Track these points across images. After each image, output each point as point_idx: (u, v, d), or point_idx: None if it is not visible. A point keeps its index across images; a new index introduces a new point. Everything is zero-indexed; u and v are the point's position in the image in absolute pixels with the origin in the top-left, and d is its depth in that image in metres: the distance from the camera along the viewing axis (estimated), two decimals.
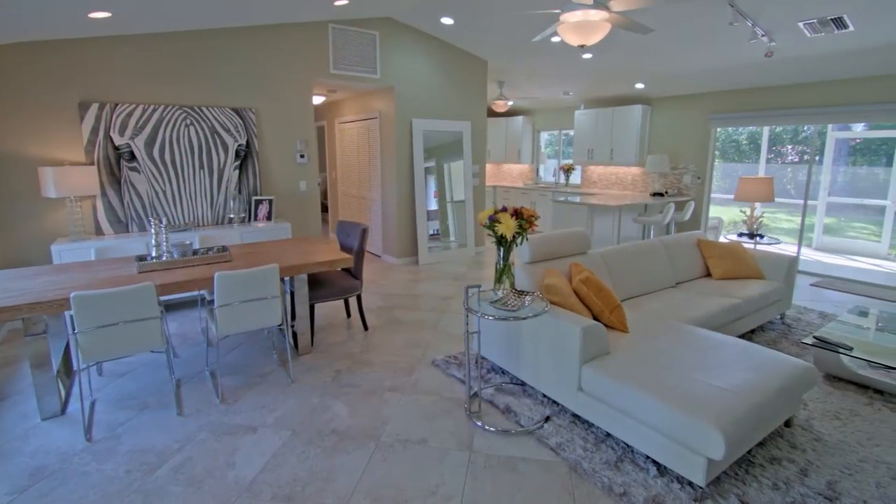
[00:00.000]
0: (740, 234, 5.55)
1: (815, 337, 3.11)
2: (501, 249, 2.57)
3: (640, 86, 6.93)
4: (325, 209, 10.11)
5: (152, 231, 3.24)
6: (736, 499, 2.02)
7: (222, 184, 4.77)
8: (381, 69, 5.61)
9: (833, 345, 2.99)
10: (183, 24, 4.28)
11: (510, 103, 7.83)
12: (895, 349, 2.98)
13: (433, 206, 6.34)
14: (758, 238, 5.43)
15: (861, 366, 3.08)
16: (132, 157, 4.30)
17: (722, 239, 6.56)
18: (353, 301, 4.59)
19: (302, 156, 5.24)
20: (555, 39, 5.21)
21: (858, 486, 2.11)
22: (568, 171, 8.86)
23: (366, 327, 3.96)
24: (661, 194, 7.19)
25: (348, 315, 4.28)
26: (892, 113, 5.19)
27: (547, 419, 2.61)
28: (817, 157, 7.59)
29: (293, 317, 3.48)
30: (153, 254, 3.24)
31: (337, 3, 4.55)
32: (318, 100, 6.81)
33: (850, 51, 4.72)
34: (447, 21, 5.32)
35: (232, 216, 4.81)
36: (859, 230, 7.63)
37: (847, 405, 2.79)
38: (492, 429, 2.54)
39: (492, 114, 10.05)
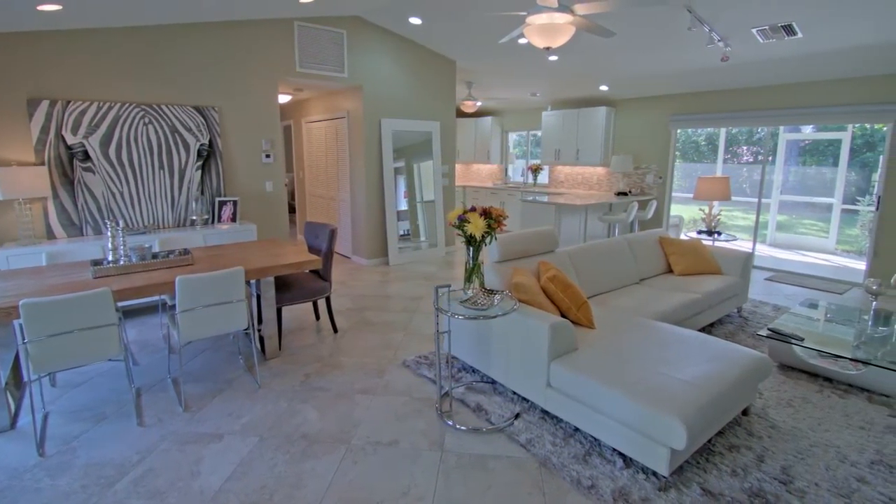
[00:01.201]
0: (699, 232, 5.77)
1: (769, 329, 3.26)
2: (471, 249, 2.58)
3: (604, 88, 7.10)
4: (292, 210, 9.92)
5: (109, 234, 3.11)
6: (697, 486, 2.10)
7: (184, 184, 4.62)
8: (349, 68, 5.55)
9: (786, 336, 3.15)
10: (140, 19, 4.12)
11: (479, 104, 7.89)
12: (842, 339, 3.16)
13: (403, 206, 6.32)
14: (716, 235, 5.65)
15: (812, 355, 3.25)
16: (86, 156, 4.11)
17: (683, 236, 6.80)
18: (322, 303, 4.53)
19: (268, 156, 5.13)
20: (521, 41, 5.28)
21: (810, 469, 2.23)
22: (536, 171, 8.99)
23: (335, 329, 3.92)
24: (625, 193, 7.39)
25: (317, 318, 4.22)
26: (837, 116, 5.49)
27: (517, 416, 2.64)
28: (770, 158, 7.96)
29: (260, 320, 3.40)
30: (110, 258, 3.11)
31: (302, 1, 4.48)
32: (284, 98, 6.68)
33: (799, 56, 4.97)
34: (415, 21, 5.31)
35: (194, 218, 4.66)
36: (809, 227, 8.05)
37: (799, 393, 2.94)
38: (463, 427, 2.55)
39: (461, 114, 10.10)
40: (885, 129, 5.35)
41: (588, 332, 2.82)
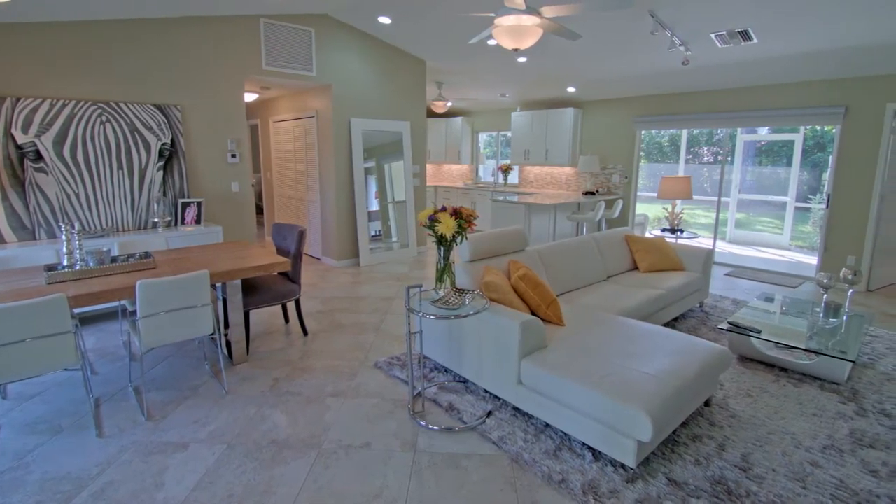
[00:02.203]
0: (663, 230, 5.95)
1: (729, 322, 3.40)
2: (442, 249, 2.59)
3: (571, 89, 7.23)
4: (259, 211, 9.71)
5: (63, 238, 2.97)
6: (663, 477, 2.16)
7: (144, 185, 4.46)
8: (318, 67, 5.48)
9: (744, 329, 3.29)
10: (96, 13, 3.95)
11: (449, 104, 7.91)
12: (796, 331, 3.32)
13: (374, 206, 6.28)
14: (679, 233, 5.84)
15: (768, 347, 3.40)
16: (38, 156, 3.92)
17: (647, 234, 6.99)
18: (291, 306, 4.45)
19: (233, 155, 5.01)
20: (491, 42, 5.32)
21: (768, 456, 2.33)
22: (506, 171, 9.08)
23: (305, 332, 3.86)
24: (592, 193, 7.55)
25: (286, 321, 4.14)
26: (790, 118, 5.76)
27: (489, 414, 2.66)
28: (729, 158, 8.29)
29: (226, 325, 3.32)
30: (65, 262, 2.97)
31: None
32: (250, 97, 6.53)
33: (755, 61, 5.19)
34: (384, 20, 5.28)
35: (156, 220, 4.50)
36: (765, 224, 8.42)
37: (757, 383, 3.07)
38: (435, 427, 2.55)
39: (431, 114, 10.10)
40: (833, 130, 5.64)
41: (557, 330, 2.87)
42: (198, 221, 4.67)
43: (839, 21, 4.04)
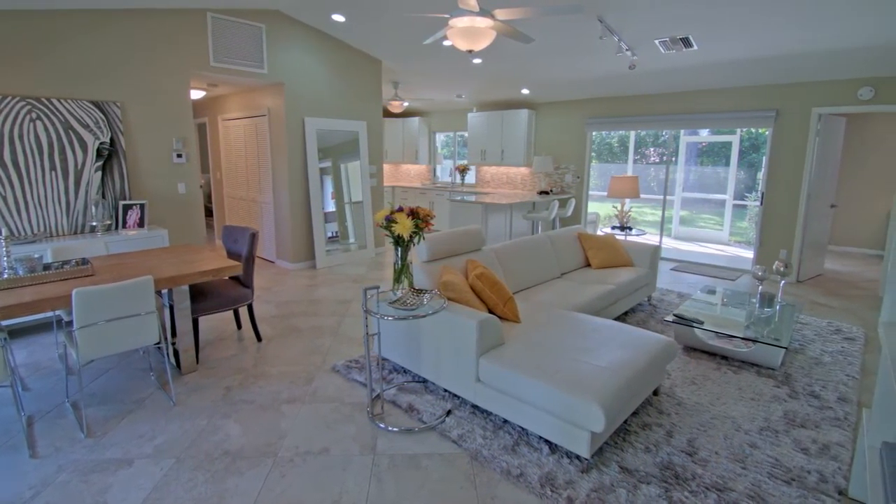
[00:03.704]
0: (613, 228, 6.18)
1: (674, 315, 3.57)
2: (399, 249, 2.58)
3: (525, 91, 7.38)
4: (209, 214, 9.33)
5: None
6: (616, 465, 2.25)
7: (81, 187, 4.19)
8: (269, 64, 5.32)
9: (688, 320, 3.47)
10: (23, 2, 3.67)
11: (406, 104, 7.88)
12: (735, 321, 3.54)
13: (331, 207, 6.17)
14: (628, 230, 6.08)
15: (710, 337, 3.60)
16: None
17: (599, 232, 7.24)
18: (243, 311, 4.30)
19: (179, 155, 4.79)
20: (446, 43, 5.35)
21: (711, 440, 2.47)
22: (463, 171, 9.14)
23: (259, 338, 3.74)
24: (546, 192, 7.73)
25: (239, 326, 4.00)
26: (727, 121, 6.12)
27: (448, 413, 2.68)
28: (673, 159, 8.72)
29: (174, 333, 3.17)
30: None
31: None
32: (197, 94, 6.26)
33: (696, 67, 5.48)
34: (338, 18, 5.20)
35: (94, 224, 4.23)
36: (707, 221, 8.91)
37: (701, 371, 3.25)
38: (395, 429, 2.54)
39: (388, 114, 10.03)
40: (766, 133, 6.04)
41: (514, 327, 2.92)
42: (141, 225, 4.43)
43: (769, 31, 4.33)
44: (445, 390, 2.93)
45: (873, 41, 4.29)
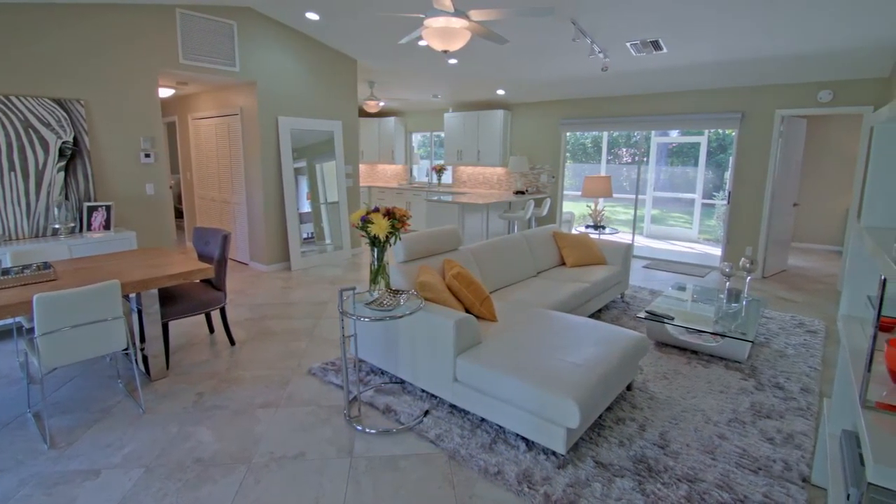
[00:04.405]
0: (587, 226, 6.28)
1: (646, 311, 3.65)
2: (375, 250, 2.57)
3: (500, 92, 7.43)
4: (179, 215, 9.09)
5: None
6: (591, 460, 2.29)
7: (42, 188, 4.02)
8: (241, 62, 5.22)
9: (660, 316, 3.55)
10: None
11: (382, 104, 7.84)
12: (704, 316, 3.64)
13: (306, 208, 6.09)
14: (601, 229, 6.19)
15: (681, 332, 3.70)
16: None
17: (573, 231, 7.35)
18: (216, 315, 4.21)
19: (147, 155, 4.65)
20: (421, 43, 5.34)
21: (682, 432, 2.54)
22: (440, 171, 9.16)
23: (232, 342, 3.67)
24: (522, 192, 7.81)
25: (211, 331, 3.91)
26: (696, 122, 6.30)
27: (426, 413, 2.68)
28: (645, 159, 8.92)
29: (142, 339, 3.08)
30: None
31: None
32: (166, 92, 6.09)
33: (666, 69, 5.62)
34: (312, 16, 5.14)
35: (57, 226, 4.07)
36: (677, 219, 9.14)
37: (672, 366, 3.33)
38: (372, 431, 2.53)
39: (364, 114, 9.97)
40: (733, 134, 6.24)
41: (491, 326, 2.94)
42: (107, 227, 4.28)
43: (735, 36, 4.47)
44: (423, 390, 2.93)
45: (832, 46, 4.48)
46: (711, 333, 3.36)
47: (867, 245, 1.49)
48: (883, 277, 1.31)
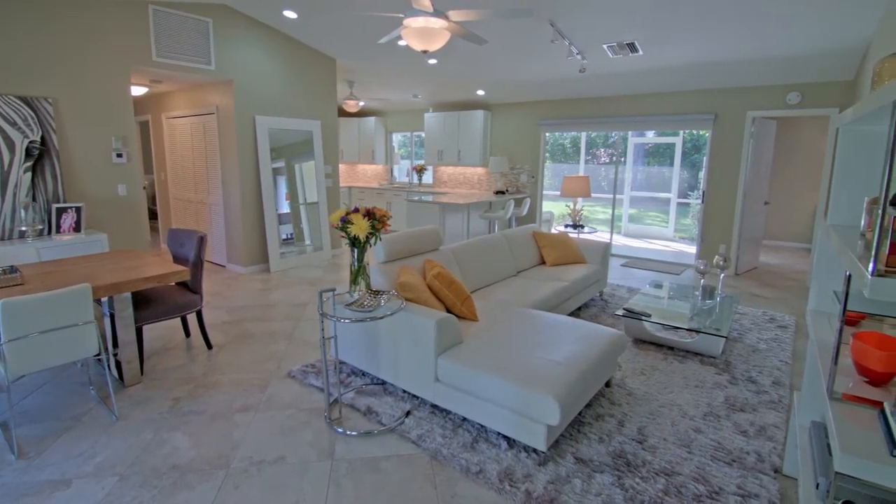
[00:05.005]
0: (567, 226, 6.35)
1: (624, 309, 3.71)
2: (356, 251, 2.55)
3: (480, 92, 7.46)
4: (153, 217, 8.87)
5: None
6: (571, 456, 2.32)
7: (8, 189, 3.88)
8: (217, 60, 5.12)
9: (637, 314, 3.61)
10: None
11: (361, 104, 7.79)
12: (680, 313, 3.72)
13: (285, 208, 6.01)
14: (580, 228, 6.27)
15: (658, 329, 3.77)
16: None
17: (553, 230, 7.43)
18: (192, 318, 4.12)
19: (119, 155, 4.52)
20: (401, 43, 5.33)
21: (659, 427, 2.59)
22: (420, 171, 9.14)
23: (209, 346, 3.60)
24: (502, 192, 7.85)
25: (187, 334, 3.83)
26: (671, 123, 6.43)
27: (408, 414, 2.67)
28: (622, 159, 9.07)
29: (115, 343, 3.00)
30: None
31: None
32: (138, 91, 5.93)
33: (642, 71, 5.72)
34: (290, 15, 5.07)
35: (24, 229, 3.93)
36: (653, 218, 9.31)
37: (649, 362, 3.39)
38: (353, 433, 2.51)
39: (344, 114, 9.89)
40: (706, 134, 6.39)
41: (472, 325, 2.96)
42: (77, 229, 4.15)
43: (708, 39, 4.58)
44: (404, 391, 2.93)
45: (800, 50, 4.62)
46: (687, 330, 3.43)
47: (833, 242, 1.54)
48: (848, 273, 1.36)
